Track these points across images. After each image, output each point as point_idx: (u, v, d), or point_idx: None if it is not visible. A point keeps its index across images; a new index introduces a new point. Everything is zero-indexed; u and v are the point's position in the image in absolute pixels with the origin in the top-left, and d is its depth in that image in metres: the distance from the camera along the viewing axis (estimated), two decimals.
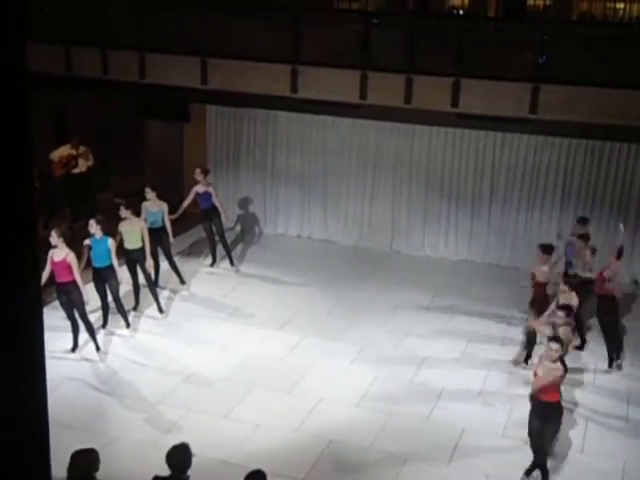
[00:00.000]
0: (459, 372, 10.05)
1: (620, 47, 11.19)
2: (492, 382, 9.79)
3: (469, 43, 11.68)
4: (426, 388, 9.64)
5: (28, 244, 2.90)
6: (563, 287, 9.45)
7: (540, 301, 9.87)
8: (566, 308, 8.74)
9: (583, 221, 11.07)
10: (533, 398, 7.87)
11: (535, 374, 7.82)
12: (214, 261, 13.20)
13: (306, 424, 8.79)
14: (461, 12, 18.27)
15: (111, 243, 10.24)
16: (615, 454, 8.48)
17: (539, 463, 7.92)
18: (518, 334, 10.75)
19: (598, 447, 8.59)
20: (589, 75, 10.90)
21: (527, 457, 8.29)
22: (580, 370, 10.10)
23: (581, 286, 9.88)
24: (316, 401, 9.25)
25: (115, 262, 10.28)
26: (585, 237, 10.65)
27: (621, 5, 18.11)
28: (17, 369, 2.93)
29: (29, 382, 3.02)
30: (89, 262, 10.30)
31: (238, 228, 14.90)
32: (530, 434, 7.92)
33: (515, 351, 10.48)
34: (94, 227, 10.16)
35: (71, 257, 9.64)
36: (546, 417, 7.79)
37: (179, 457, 5.89)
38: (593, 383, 9.86)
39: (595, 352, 10.45)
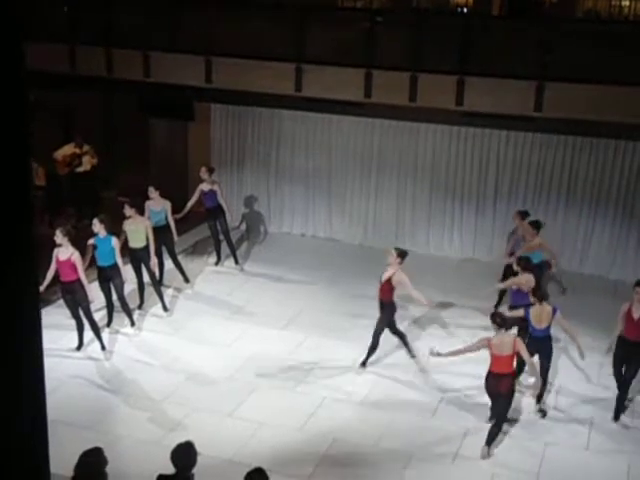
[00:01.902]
0: (463, 370, 10.02)
1: (626, 45, 11.14)
2: None
3: (474, 41, 11.65)
4: (430, 387, 9.65)
5: (26, 243, 2.89)
6: (516, 267, 9.80)
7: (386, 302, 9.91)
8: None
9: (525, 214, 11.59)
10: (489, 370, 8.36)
11: (490, 346, 8.28)
12: (219, 260, 13.21)
13: (310, 423, 8.80)
14: (465, 10, 18.20)
15: (115, 242, 10.26)
16: (620, 452, 8.47)
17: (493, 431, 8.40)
18: None
19: (603, 445, 8.58)
20: (594, 73, 10.86)
21: (532, 456, 8.31)
22: (583, 367, 10.09)
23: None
24: (320, 399, 9.25)
25: (119, 261, 10.29)
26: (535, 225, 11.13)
27: (626, 3, 18.05)
28: (15, 369, 2.92)
29: (28, 382, 3.01)
30: (93, 261, 10.32)
31: (243, 227, 14.91)
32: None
33: None
34: (97, 226, 10.17)
35: (76, 256, 9.66)
36: (499, 389, 8.29)
37: (184, 455, 5.89)
38: (597, 381, 9.84)
39: (600, 349, 10.42)
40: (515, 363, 8.46)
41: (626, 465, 8.28)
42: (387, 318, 9.90)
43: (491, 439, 8.37)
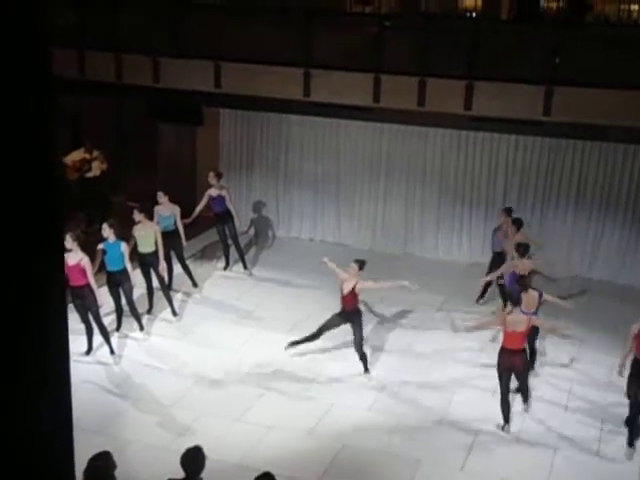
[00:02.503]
0: (473, 374, 10.02)
1: (635, 49, 11.12)
2: None
3: (482, 45, 11.65)
4: (439, 391, 9.62)
5: (55, 246, 2.91)
6: (515, 254, 10.22)
7: (352, 311, 9.90)
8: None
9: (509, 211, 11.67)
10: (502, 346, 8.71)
11: (505, 323, 8.59)
12: (227, 264, 13.23)
13: (319, 427, 8.79)
14: (474, 14, 18.21)
15: (124, 247, 10.28)
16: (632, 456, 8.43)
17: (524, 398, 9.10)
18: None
19: (614, 449, 8.53)
20: (603, 77, 10.84)
21: (542, 461, 8.28)
22: (593, 371, 10.05)
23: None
24: (329, 404, 9.24)
25: (128, 266, 10.32)
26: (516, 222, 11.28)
27: (635, 7, 18.03)
28: (43, 373, 2.94)
29: (55, 385, 3.02)
30: (102, 266, 10.35)
31: (251, 231, 14.92)
32: (500, 379, 8.78)
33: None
34: (107, 231, 10.21)
35: (85, 261, 9.68)
36: (512, 364, 8.66)
37: (192, 460, 5.90)
38: (607, 384, 9.79)
39: (611, 352, 10.40)
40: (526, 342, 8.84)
41: (638, 467, 8.24)
42: (360, 326, 9.86)
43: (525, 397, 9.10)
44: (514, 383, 8.97)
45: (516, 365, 8.65)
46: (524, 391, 9.09)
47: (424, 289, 12.47)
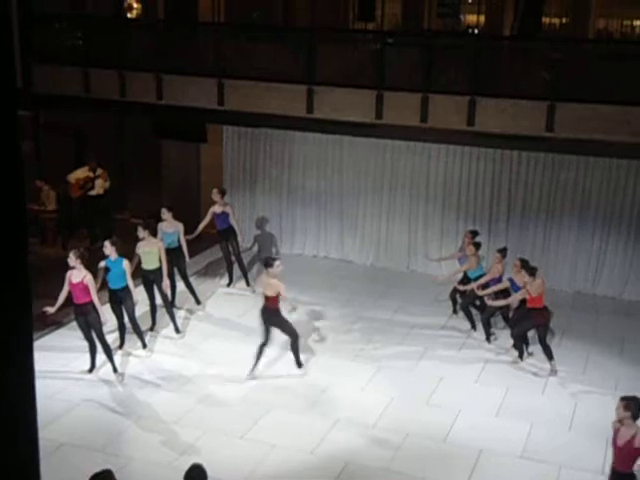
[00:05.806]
0: (477, 392, 9.97)
1: (637, 64, 11.13)
2: (510, 402, 9.70)
3: (485, 61, 11.68)
4: (443, 409, 9.56)
5: (19, 270, 2.89)
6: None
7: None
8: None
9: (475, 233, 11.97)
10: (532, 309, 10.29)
11: (529, 293, 10.18)
12: (230, 281, 13.21)
13: (323, 445, 8.73)
14: (476, 30, 18.29)
15: (126, 264, 10.28)
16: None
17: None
18: (539, 353, 10.63)
19: None
20: (606, 93, 10.85)
21: (549, 479, 8.22)
22: (599, 386, 10.00)
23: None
24: (333, 422, 9.19)
25: (130, 283, 10.31)
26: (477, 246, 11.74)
27: (638, 22, 18.12)
28: (7, 394, 2.92)
29: (20, 404, 3.01)
30: (104, 283, 10.34)
31: (255, 248, 14.92)
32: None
33: (542, 366, 10.42)
34: (109, 248, 10.21)
35: (89, 278, 9.68)
36: (540, 320, 10.28)
37: (195, 478, 5.87)
38: (614, 401, 9.70)
39: (616, 369, 10.34)
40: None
41: None
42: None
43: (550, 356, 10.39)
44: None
45: (544, 320, 10.25)
46: (547, 349, 10.33)
47: (428, 306, 12.50)
